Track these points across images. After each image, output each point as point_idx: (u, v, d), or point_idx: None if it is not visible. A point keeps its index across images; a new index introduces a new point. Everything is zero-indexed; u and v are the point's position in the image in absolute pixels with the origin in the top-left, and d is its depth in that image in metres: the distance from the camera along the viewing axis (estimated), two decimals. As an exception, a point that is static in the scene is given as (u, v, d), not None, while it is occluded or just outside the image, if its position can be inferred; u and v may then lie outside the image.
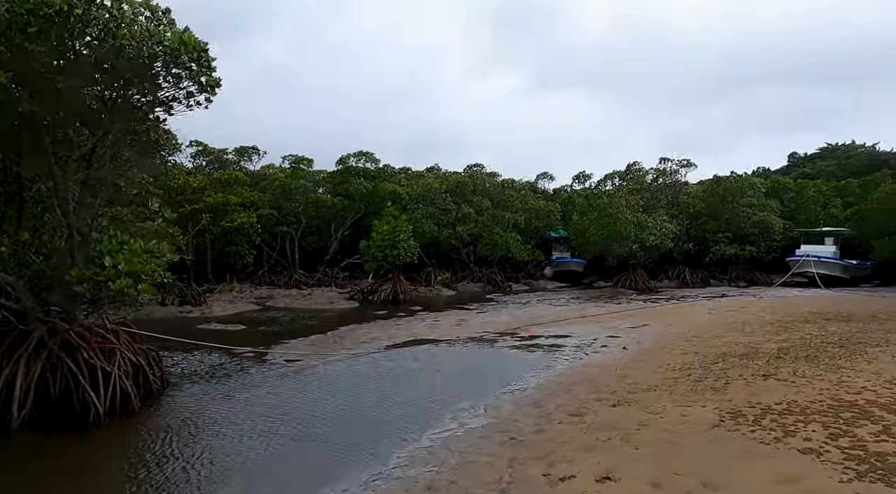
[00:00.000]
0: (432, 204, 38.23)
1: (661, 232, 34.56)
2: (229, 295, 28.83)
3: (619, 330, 17.74)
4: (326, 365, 13.12)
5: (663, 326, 18.24)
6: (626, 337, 16.25)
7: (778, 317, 19.35)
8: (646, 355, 13.35)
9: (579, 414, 8.71)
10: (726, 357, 12.40)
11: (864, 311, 20.02)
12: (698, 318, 19.99)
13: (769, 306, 23.35)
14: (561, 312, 22.75)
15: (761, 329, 16.77)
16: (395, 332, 17.78)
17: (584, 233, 36.16)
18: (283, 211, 37.25)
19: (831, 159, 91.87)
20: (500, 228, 37.44)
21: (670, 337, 15.80)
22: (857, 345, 12.94)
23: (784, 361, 11.50)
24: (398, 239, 26.87)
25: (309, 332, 17.86)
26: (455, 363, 13.39)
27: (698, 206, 42.09)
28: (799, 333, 15.45)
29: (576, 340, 16.16)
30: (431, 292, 32.56)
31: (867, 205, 38.69)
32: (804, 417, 7.84)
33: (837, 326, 16.33)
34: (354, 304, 26.66)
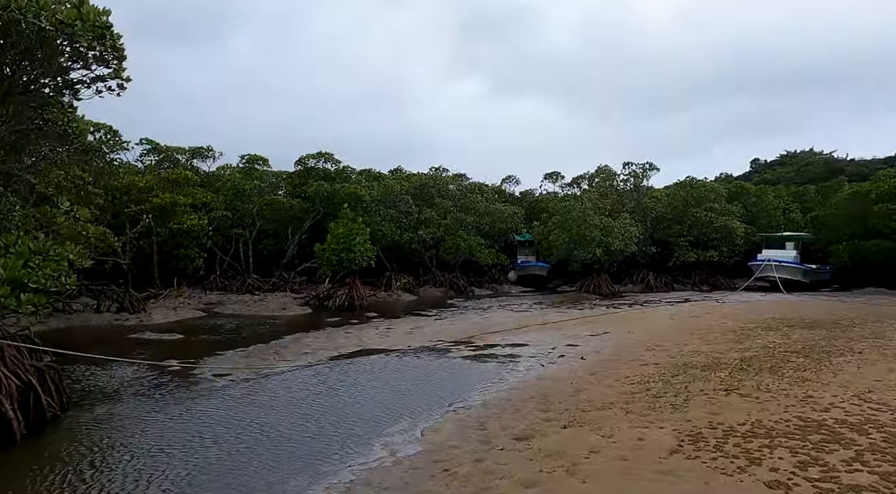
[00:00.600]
0: (394, 206, 37.19)
1: (625, 236, 34.17)
2: (175, 301, 27.26)
3: (578, 338, 16.97)
4: (258, 380, 11.94)
5: (624, 334, 17.55)
6: (586, 346, 15.47)
7: (740, 324, 18.88)
8: (604, 366, 12.55)
9: (526, 438, 7.79)
10: (687, 368, 11.67)
11: (826, 317, 19.71)
12: (660, 325, 19.39)
13: (732, 311, 22.96)
14: (522, 319, 21.93)
15: (724, 336, 16.21)
16: (344, 342, 16.66)
17: (548, 237, 35.52)
18: (238, 213, 35.75)
19: (791, 166, 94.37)
20: (464, 232, 36.56)
21: (631, 346, 15.08)
22: (822, 354, 12.37)
23: (747, 373, 10.81)
24: (354, 242, 25.73)
25: (250, 342, 16.62)
26: (400, 376, 12.35)
27: (662, 210, 41.98)
28: (762, 341, 14.89)
29: (533, 349, 15.31)
30: (391, 297, 31.48)
31: (826, 211, 39.10)
32: (770, 440, 7.06)
33: (800, 334, 15.85)
34: (308, 311, 25.40)
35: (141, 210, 27.46)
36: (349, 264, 25.76)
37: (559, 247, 33.97)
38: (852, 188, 39.83)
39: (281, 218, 36.97)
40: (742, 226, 40.57)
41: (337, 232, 25.99)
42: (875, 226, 33.95)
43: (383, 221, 35.62)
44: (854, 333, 15.62)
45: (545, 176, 50.60)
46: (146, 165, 38.09)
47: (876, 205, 33.92)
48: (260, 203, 36.09)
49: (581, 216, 32.86)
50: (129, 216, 27.05)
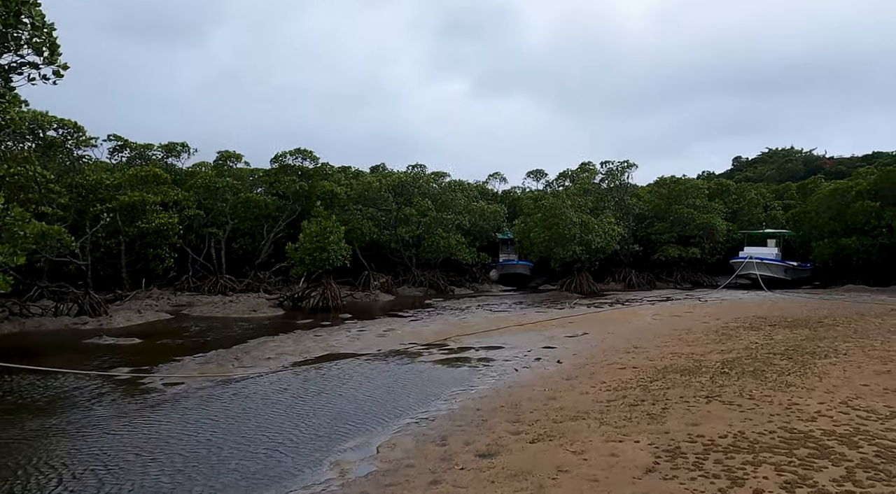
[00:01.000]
0: (373, 204, 36.42)
1: (606, 233, 33.72)
2: (142, 302, 26.26)
3: (556, 339, 16.37)
4: (212, 390, 11.15)
5: (604, 335, 16.99)
6: (563, 349, 14.87)
7: (722, 323, 18.42)
8: (580, 371, 11.93)
9: (490, 455, 7.12)
10: (667, 372, 11.09)
11: (808, 316, 19.33)
12: (641, 325, 18.86)
13: (714, 310, 22.55)
14: (500, 319, 21.30)
15: (705, 336, 15.70)
16: (311, 345, 15.89)
17: (528, 235, 34.96)
18: (212, 211, 34.77)
19: (771, 163, 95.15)
20: (443, 230, 35.87)
21: (609, 348, 14.50)
22: (806, 356, 11.86)
23: (729, 377, 10.24)
24: (328, 241, 24.91)
25: (212, 346, 15.79)
26: (364, 384, 11.62)
27: (644, 208, 41.67)
28: (744, 342, 14.39)
29: (508, 352, 14.67)
30: (368, 297, 30.71)
31: (807, 208, 39.01)
32: (753, 456, 6.46)
33: (783, 334, 15.38)
34: (280, 312, 24.55)
35: (107, 208, 26.44)
36: (323, 264, 24.94)
37: (539, 245, 33.44)
38: (832, 185, 39.82)
39: (256, 216, 36.05)
40: (724, 224, 40.39)
41: (310, 230, 25.14)
42: (855, 223, 33.87)
43: (361, 219, 34.84)
44: (837, 332, 15.19)
45: (528, 173, 50.20)
46: (118, 163, 36.94)
47: (855, 203, 33.83)
48: (234, 201, 35.17)
49: (560, 213, 32.33)
50: (95, 215, 26.00)
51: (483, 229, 42.22)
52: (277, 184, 36.92)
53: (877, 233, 32.84)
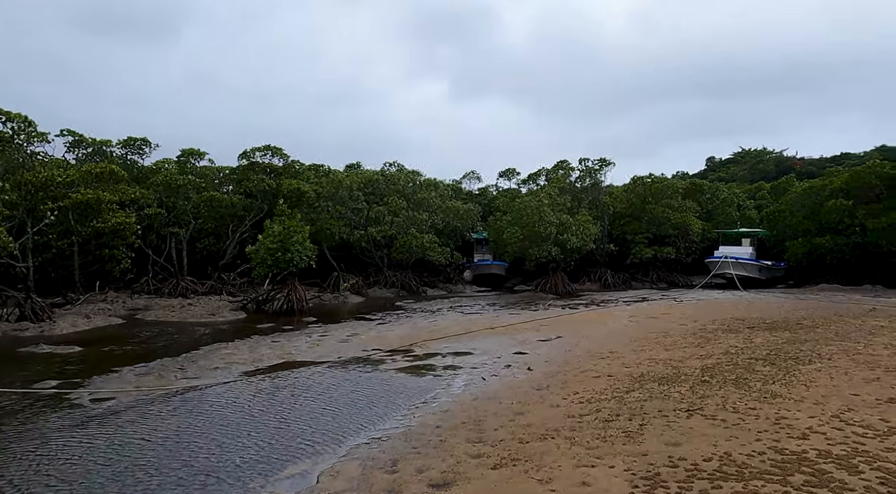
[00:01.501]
0: (343, 203, 35.30)
1: (582, 233, 33.11)
2: (94, 306, 24.79)
3: (528, 344, 15.54)
4: (145, 406, 10.03)
5: (578, 338, 16.22)
6: (534, 354, 14.04)
7: (700, 325, 17.81)
8: (552, 379, 11.09)
9: (445, 484, 6.20)
10: (644, 381, 10.31)
11: (786, 317, 18.83)
12: (616, 328, 18.16)
13: (690, 311, 21.99)
14: (471, 322, 20.42)
15: (683, 340, 15.02)
16: (267, 352, 14.80)
17: (503, 234, 34.20)
18: (174, 210, 33.29)
19: (744, 164, 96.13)
20: (416, 230, 34.89)
21: (583, 354, 13.71)
22: (790, 362, 11.20)
23: (710, 387, 9.49)
24: (291, 240, 23.76)
25: (160, 354, 14.61)
26: (317, 397, 10.62)
27: (620, 207, 41.23)
28: (723, 346, 13.73)
29: (476, 359, 13.78)
30: (337, 299, 29.63)
31: (780, 207, 38.96)
32: (743, 484, 5.65)
33: (763, 337, 14.77)
34: (241, 316, 23.33)
35: (57, 207, 24.93)
36: (286, 265, 23.78)
37: (513, 245, 32.67)
38: (806, 184, 39.87)
39: (221, 215, 34.65)
40: (699, 223, 40.17)
41: (272, 230, 23.96)
42: (829, 223, 33.80)
43: (331, 219, 33.71)
44: (818, 335, 14.63)
45: (500, 173, 49.39)
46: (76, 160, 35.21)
47: (829, 201, 33.76)
48: (198, 200, 33.73)
49: (536, 212, 31.62)
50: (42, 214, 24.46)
51: (457, 229, 41.36)
52: (244, 182, 35.61)
53: (850, 232, 32.79)
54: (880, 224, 30.49)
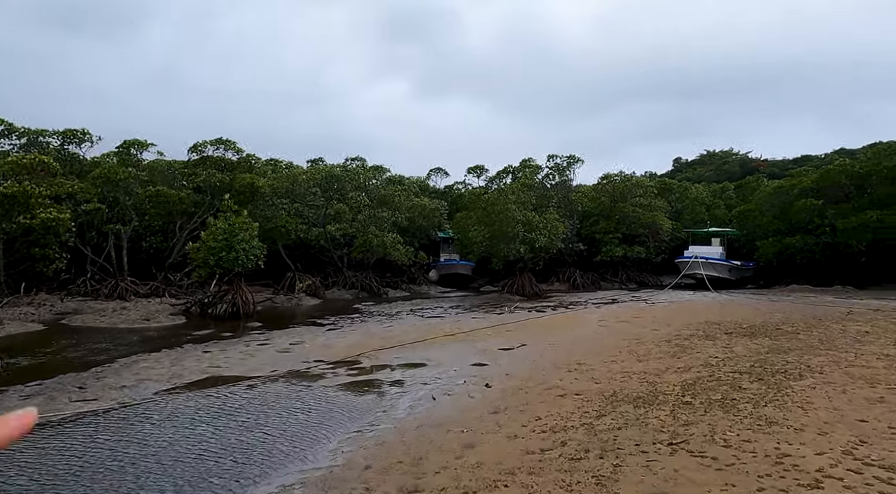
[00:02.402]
0: (301, 199, 33.39)
1: (550, 232, 31.86)
2: (16, 310, 22.44)
3: (489, 353, 14.06)
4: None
5: (544, 346, 14.80)
6: (495, 366, 12.56)
7: (674, 330, 16.58)
8: (512, 399, 9.60)
9: (358, 563, 4.60)
10: (617, 402, 8.88)
11: (764, 322, 17.75)
12: (585, 333, 16.82)
13: (662, 315, 20.85)
14: (430, 328, 18.87)
15: (657, 348, 13.72)
16: (192, 365, 12.98)
17: (468, 233, 32.75)
18: (117, 206, 30.94)
19: (710, 165, 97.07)
20: (377, 228, 33.19)
21: (549, 365, 12.27)
22: (778, 377, 9.92)
23: (693, 410, 8.11)
24: (237, 239, 21.84)
25: (69, 367, 12.69)
26: (225, 427, 8.89)
27: (589, 205, 40.23)
28: (701, 356, 12.45)
29: (430, 372, 12.22)
30: (291, 302, 27.76)
31: (750, 206, 38.43)
32: (752, 564, 4.20)
33: (743, 344, 13.56)
34: (181, 320, 21.34)
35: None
36: (231, 265, 21.86)
37: (479, 244, 31.25)
38: (775, 183, 39.45)
39: (169, 212, 32.38)
40: (669, 222, 39.42)
41: (216, 227, 22.00)
42: (799, 222, 33.28)
43: (287, 216, 31.77)
44: (801, 342, 13.49)
45: (468, 170, 47.89)
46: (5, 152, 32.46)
47: (799, 201, 33.24)
48: (143, 194, 31.42)
49: (503, 210, 30.25)
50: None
51: (422, 227, 39.81)
52: (193, 176, 33.41)
53: (820, 231, 32.30)
54: (850, 224, 29.99)
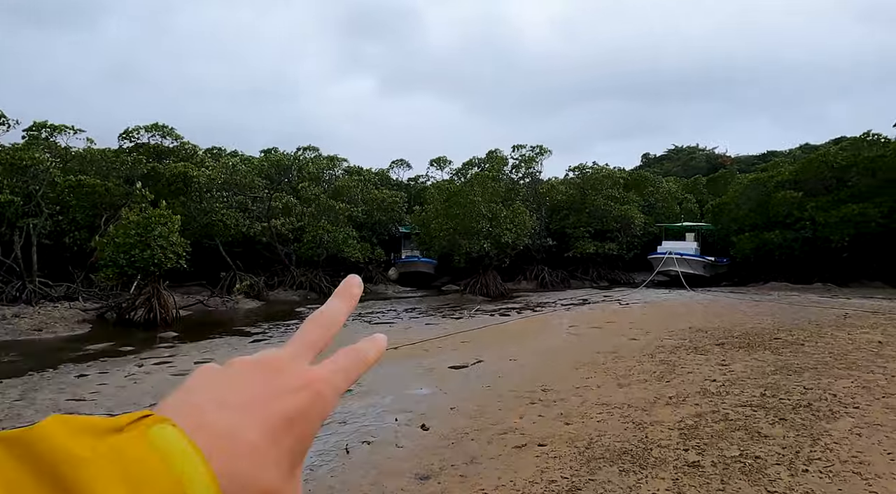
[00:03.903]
0: (243, 191, 30.28)
1: (517, 226, 29.43)
2: None
3: (436, 374, 11.44)
4: None
5: (504, 362, 12.25)
6: (441, 393, 9.95)
7: (656, 340, 14.23)
8: (452, 453, 6.99)
9: None
10: (595, 460, 6.35)
11: (757, 328, 15.54)
12: (555, 343, 14.35)
13: (640, 318, 18.55)
14: (374, 337, 16.15)
15: (640, 365, 11.29)
16: (45, 399, 10.04)
17: (429, 226, 30.13)
18: (34, 198, 27.39)
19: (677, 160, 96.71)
20: (329, 222, 30.33)
21: (508, 393, 9.70)
22: (804, 415, 7.54)
23: (706, 480, 5.62)
24: (152, 235, 18.77)
25: None
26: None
27: (559, 199, 37.97)
28: (695, 377, 10.05)
29: (356, 403, 9.52)
30: (226, 305, 24.71)
31: (725, 200, 36.68)
32: None
33: (742, 361, 11.22)
34: (84, 329, 18.24)
35: None
36: (144, 264, 18.78)
37: (440, 239, 28.63)
38: (752, 176, 37.80)
39: (95, 204, 28.92)
40: (641, 216, 37.45)
41: (127, 221, 18.89)
42: (777, 216, 31.55)
43: (226, 209, 28.65)
44: (810, 357, 11.22)
45: (431, 162, 45.24)
46: None
47: (777, 193, 31.51)
48: (63, 184, 27.92)
49: (467, 202, 27.68)
50: None
51: (381, 221, 37.05)
52: (121, 165, 30.00)
53: (799, 226, 30.61)
54: (832, 217, 28.31)
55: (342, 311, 0.57)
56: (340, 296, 0.59)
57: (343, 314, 0.58)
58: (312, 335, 0.53)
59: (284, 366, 0.47)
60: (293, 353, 0.50)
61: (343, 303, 0.58)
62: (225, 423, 0.39)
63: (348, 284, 0.60)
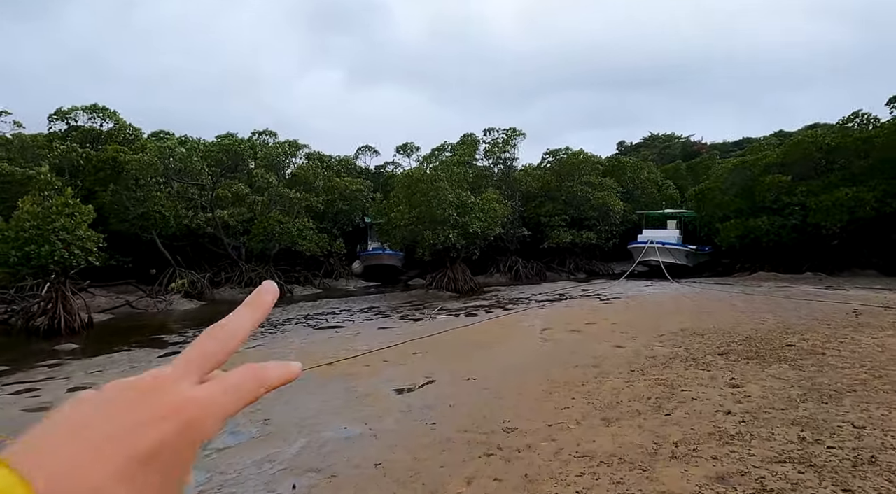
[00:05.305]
0: (184, 179, 27.29)
1: (487, 215, 26.98)
2: None
3: (371, 402, 8.93)
4: None
5: (461, 383, 9.80)
6: (367, 438, 7.43)
7: (643, 346, 11.93)
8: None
9: None
10: None
11: (757, 329, 13.32)
12: (525, 355, 11.93)
13: (623, 317, 16.28)
14: (313, 347, 13.62)
15: (629, 388, 8.94)
16: None
17: (390, 215, 27.56)
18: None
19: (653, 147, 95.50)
20: (280, 212, 27.54)
21: (457, 436, 7.23)
22: (873, 476, 5.22)
23: None
24: (51, 227, 15.87)
25: None
26: None
27: (533, 185, 35.62)
28: (702, 408, 7.70)
29: (237, 460, 6.99)
30: (159, 306, 21.85)
31: (708, 185, 34.68)
32: None
33: (756, 379, 8.91)
34: (-30, 342, 15.26)
35: None
36: (43, 262, 15.88)
37: (403, 229, 26.01)
38: (736, 160, 35.88)
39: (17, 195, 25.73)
40: (621, 204, 35.32)
41: (24, 210, 15.95)
42: (764, 201, 29.61)
43: (163, 198, 25.67)
44: (842, 373, 8.98)
45: (397, 148, 42.52)
46: None
47: (765, 177, 29.55)
48: (-23, 173, 24.72)
49: (431, 188, 25.11)
50: None
51: (343, 211, 34.31)
52: (49, 151, 26.76)
53: (788, 211, 28.71)
54: (824, 202, 26.42)
55: (248, 322, 0.51)
56: (250, 305, 0.52)
57: (249, 325, 0.51)
58: (204, 350, 0.47)
59: (161, 389, 0.43)
60: (177, 373, 0.45)
61: (251, 313, 0.52)
62: (68, 463, 0.36)
63: (261, 292, 0.54)
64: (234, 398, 0.45)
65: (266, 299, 0.52)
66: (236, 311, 0.51)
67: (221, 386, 0.45)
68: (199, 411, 0.42)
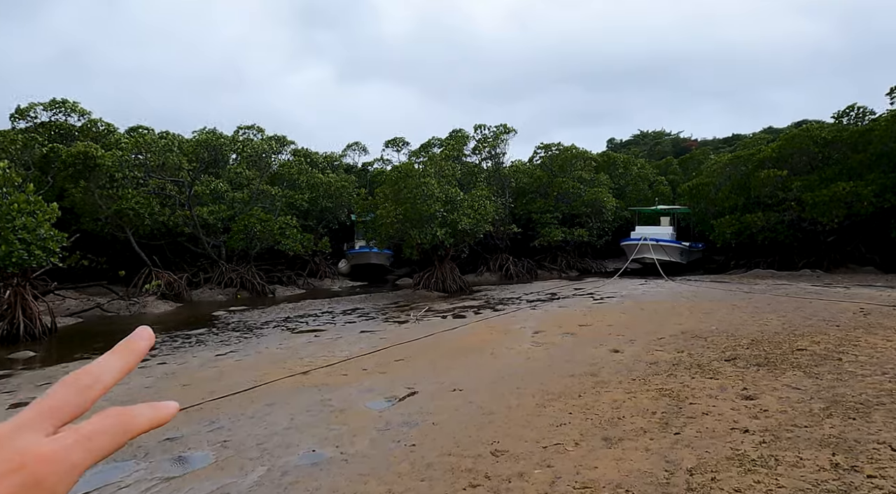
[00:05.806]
0: (160, 175, 26.19)
1: (477, 212, 26.09)
2: None
3: (344, 419, 8.02)
4: None
5: (443, 396, 8.91)
6: (336, 463, 6.52)
7: (643, 350, 11.10)
8: None
9: None
10: None
11: (763, 331, 12.53)
12: (515, 362, 11.06)
13: (619, 318, 15.47)
14: (287, 355, 12.66)
15: (631, 400, 8.09)
16: None
17: (375, 212, 26.63)
18: None
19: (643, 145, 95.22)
20: (261, 209, 26.52)
21: (438, 464, 6.34)
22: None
23: None
24: (12, 226, 14.80)
25: None
26: None
27: (524, 181, 34.79)
28: (715, 425, 6.86)
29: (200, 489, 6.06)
30: (132, 309, 20.78)
31: (703, 179, 33.99)
32: None
33: (771, 390, 8.09)
34: (-80, 350, 14.15)
35: None
36: (2, 263, 14.81)
37: (389, 226, 25.06)
38: (731, 154, 35.23)
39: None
40: (613, 200, 34.57)
41: (-22, 208, 14.86)
42: (760, 196, 28.95)
43: (138, 196, 24.56)
44: (863, 382, 8.17)
45: (386, 143, 41.51)
46: None
47: (760, 171, 28.87)
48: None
49: (418, 184, 24.17)
50: None
51: (328, 209, 33.30)
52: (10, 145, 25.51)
53: (784, 207, 28.05)
54: (821, 197, 25.77)
55: (114, 370, 0.48)
56: (118, 352, 0.49)
57: (115, 373, 0.48)
58: (58, 400, 0.44)
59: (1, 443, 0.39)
60: (20, 424, 0.41)
61: (118, 360, 0.49)
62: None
63: (133, 337, 0.51)
64: (85, 450, 0.41)
65: (139, 345, 0.49)
66: (102, 357, 0.48)
67: (73, 438, 0.41)
68: (45, 466, 0.38)
